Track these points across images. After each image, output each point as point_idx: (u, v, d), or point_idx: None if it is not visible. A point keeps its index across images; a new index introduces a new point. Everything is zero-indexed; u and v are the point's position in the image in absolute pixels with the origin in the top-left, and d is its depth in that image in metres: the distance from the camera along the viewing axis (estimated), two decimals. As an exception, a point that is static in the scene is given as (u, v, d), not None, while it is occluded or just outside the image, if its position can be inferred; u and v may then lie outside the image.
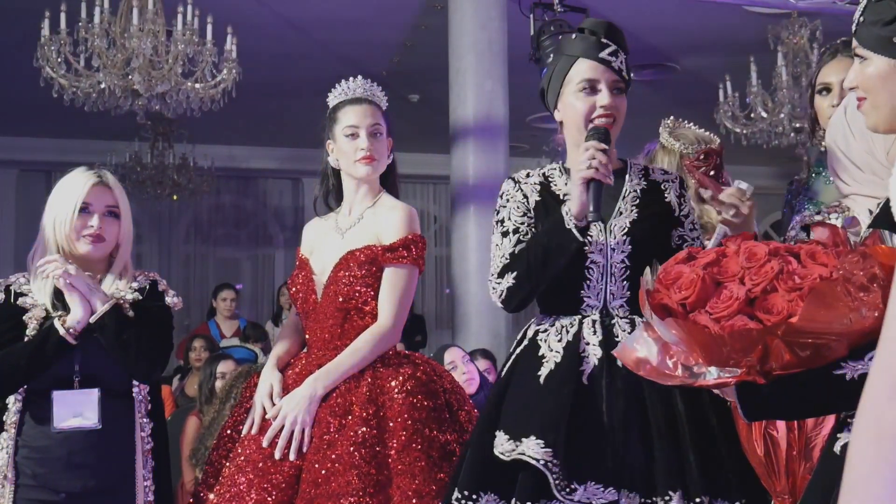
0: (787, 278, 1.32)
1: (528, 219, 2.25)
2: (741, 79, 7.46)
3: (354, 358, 2.51)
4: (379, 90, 2.78)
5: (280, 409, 2.48)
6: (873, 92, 1.66)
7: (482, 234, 6.24)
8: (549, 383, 2.14)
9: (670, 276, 1.38)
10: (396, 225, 2.62)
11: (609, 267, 2.18)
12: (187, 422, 4.33)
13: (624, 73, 2.25)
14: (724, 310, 1.32)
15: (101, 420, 2.51)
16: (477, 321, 6.21)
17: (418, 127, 9.21)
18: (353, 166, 2.66)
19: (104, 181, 2.65)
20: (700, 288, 1.34)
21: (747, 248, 1.36)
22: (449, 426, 2.48)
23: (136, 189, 9.62)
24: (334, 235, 2.70)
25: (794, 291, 1.31)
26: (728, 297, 1.33)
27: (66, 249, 2.56)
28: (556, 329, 2.19)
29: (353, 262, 2.58)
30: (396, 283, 2.59)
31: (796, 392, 1.36)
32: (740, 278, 1.34)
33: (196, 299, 10.93)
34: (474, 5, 6.29)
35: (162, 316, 2.67)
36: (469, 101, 6.30)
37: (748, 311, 1.32)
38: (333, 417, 2.44)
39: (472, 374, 3.98)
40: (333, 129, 2.70)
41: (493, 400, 2.24)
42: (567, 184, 2.25)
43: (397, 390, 2.46)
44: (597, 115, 2.21)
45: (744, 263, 1.34)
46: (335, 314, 2.58)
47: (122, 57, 5.48)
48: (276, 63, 8.15)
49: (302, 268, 2.73)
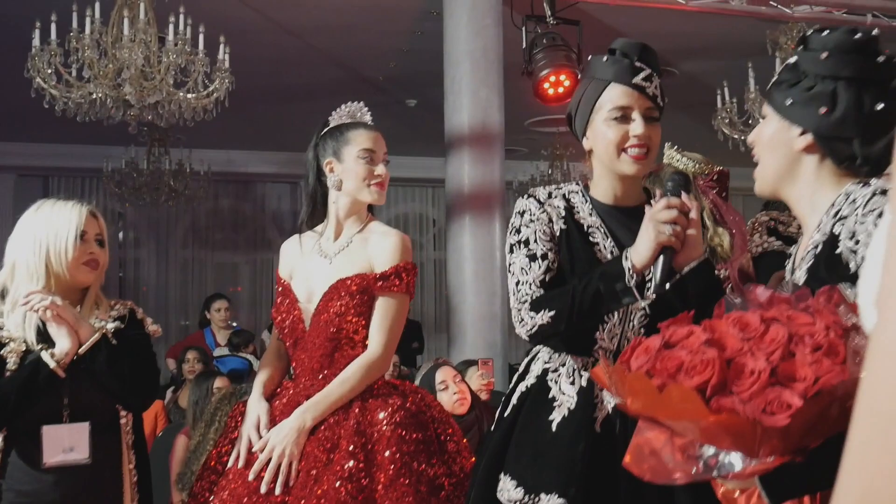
0: (800, 340, 1.22)
1: (554, 245, 2.12)
2: (739, 84, 7.40)
3: (343, 388, 2.46)
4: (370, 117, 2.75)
5: (267, 442, 2.43)
6: (764, 153, 1.70)
7: (477, 243, 6.20)
8: (562, 431, 2.06)
9: (669, 364, 1.25)
10: (389, 252, 2.57)
11: (629, 311, 2.09)
12: (177, 441, 4.28)
13: (659, 98, 2.10)
14: (750, 386, 1.18)
15: (91, 454, 2.45)
16: (473, 331, 6.16)
17: (416, 131, 9.18)
18: (364, 190, 2.61)
19: (93, 210, 2.63)
20: (719, 368, 1.20)
21: (736, 320, 1.26)
22: (438, 459, 2.44)
23: (132, 195, 9.59)
24: (319, 260, 2.64)
25: (816, 351, 1.20)
26: (750, 372, 1.20)
27: (64, 278, 2.52)
28: (568, 370, 2.11)
29: (343, 292, 2.52)
30: (388, 312, 2.54)
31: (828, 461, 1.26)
32: (750, 352, 1.22)
33: (194, 303, 10.91)
34: (469, 13, 6.23)
35: (146, 344, 2.65)
36: (464, 109, 6.24)
37: (773, 383, 1.19)
38: (321, 451, 2.39)
39: (465, 394, 3.93)
40: (341, 150, 2.62)
41: (497, 438, 2.16)
42: (592, 214, 2.15)
43: (386, 422, 2.41)
44: (629, 146, 2.08)
45: (742, 336, 1.24)
46: (324, 344, 2.52)
47: (114, 67, 5.43)
48: (275, 68, 8.12)
49: (286, 294, 2.66)
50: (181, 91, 5.70)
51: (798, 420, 1.15)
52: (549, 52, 4.98)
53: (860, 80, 1.58)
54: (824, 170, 1.64)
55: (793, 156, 1.66)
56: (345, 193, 2.63)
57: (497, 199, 6.31)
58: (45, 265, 2.52)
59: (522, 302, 2.09)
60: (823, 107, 1.58)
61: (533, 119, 9.41)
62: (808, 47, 1.64)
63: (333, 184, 2.63)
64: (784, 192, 1.71)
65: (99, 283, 2.64)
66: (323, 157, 2.65)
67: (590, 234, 2.13)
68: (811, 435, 1.19)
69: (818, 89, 1.60)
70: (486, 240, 6.20)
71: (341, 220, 2.65)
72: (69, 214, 2.56)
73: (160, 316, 11.55)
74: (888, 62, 1.60)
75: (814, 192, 1.65)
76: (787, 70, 1.67)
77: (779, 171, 1.69)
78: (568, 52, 5.06)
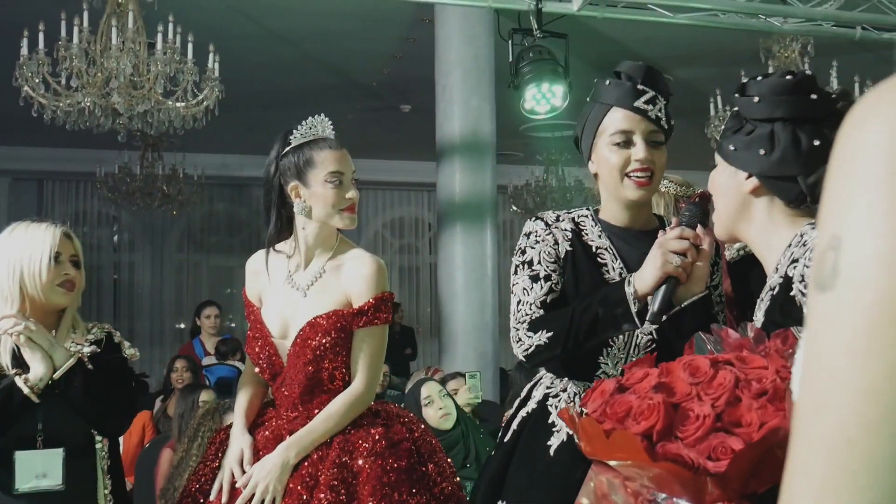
0: (746, 385, 1.22)
1: (559, 267, 2.10)
2: (732, 92, 7.37)
3: (327, 425, 2.42)
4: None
5: (251, 477, 2.38)
6: (718, 198, 1.76)
7: (468, 252, 6.19)
8: (560, 456, 2.05)
9: (617, 409, 1.25)
10: (366, 283, 2.45)
11: (634, 336, 2.06)
12: (162, 454, 4.26)
13: (663, 121, 2.08)
14: (695, 431, 1.19)
15: (64, 480, 2.42)
16: (464, 341, 6.15)
17: (410, 136, 9.17)
18: (336, 216, 2.45)
19: (67, 232, 2.60)
20: (664, 412, 1.21)
21: (687, 364, 1.26)
22: (419, 486, 2.41)
23: (125, 200, 9.58)
24: (291, 293, 2.53)
25: (761, 397, 1.20)
26: (696, 417, 1.20)
27: (39, 301, 2.50)
28: (568, 395, 2.09)
29: (319, 331, 2.43)
30: (369, 347, 2.47)
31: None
32: (697, 396, 1.22)
33: (189, 308, 10.89)
34: (460, 21, 6.22)
35: (124, 368, 2.62)
36: (455, 118, 6.23)
37: (719, 428, 1.20)
38: (303, 489, 2.36)
39: (448, 410, 3.91)
40: (307, 174, 2.43)
41: (497, 463, 2.15)
42: (601, 236, 2.13)
43: (367, 453, 2.38)
44: (631, 170, 2.05)
45: (691, 380, 1.24)
46: (304, 382, 2.46)
47: (102, 76, 5.41)
48: (268, 74, 8.12)
49: (257, 328, 2.56)
50: (170, 100, 5.67)
51: (738, 465, 1.15)
52: (536, 66, 4.96)
53: (795, 120, 1.62)
54: (776, 210, 1.68)
55: (743, 199, 1.70)
56: (314, 220, 2.48)
57: (488, 209, 6.30)
58: (20, 288, 2.49)
59: (521, 322, 2.06)
60: (762, 149, 1.63)
61: (527, 125, 9.40)
62: (745, 94, 1.69)
63: (301, 210, 2.46)
64: (741, 234, 1.74)
65: (76, 305, 2.61)
66: (286, 179, 2.48)
67: (598, 255, 2.11)
68: (757, 480, 1.18)
69: (757, 133, 1.65)
70: (478, 249, 6.19)
71: (311, 247, 2.51)
72: (42, 236, 2.54)
73: (155, 320, 11.56)
74: (822, 99, 1.64)
75: (770, 233, 1.68)
76: (731, 118, 1.74)
77: (732, 214, 1.72)
78: (555, 66, 5.05)
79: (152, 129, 5.86)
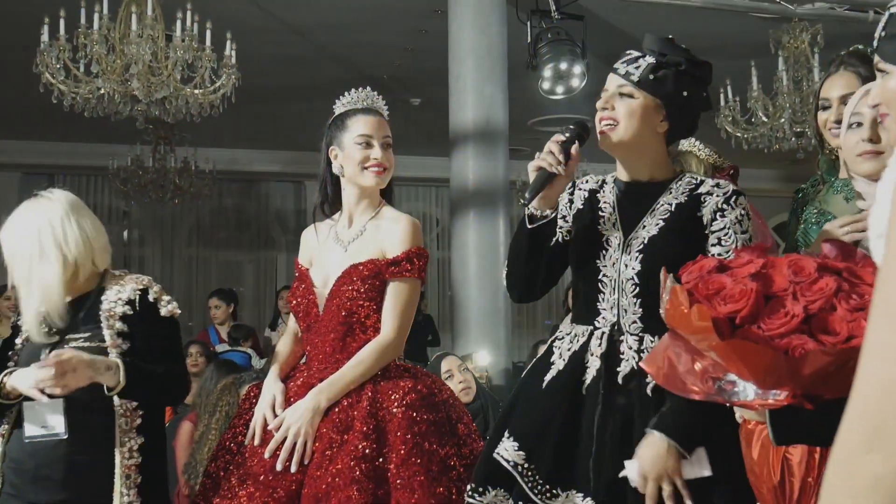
0: (846, 297, 1.22)
1: (564, 221, 2.28)
2: (742, 83, 7.43)
3: (357, 371, 2.51)
4: (383, 102, 2.78)
5: (283, 421, 2.47)
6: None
7: (481, 239, 6.24)
8: (549, 388, 2.16)
9: (710, 286, 1.27)
10: (400, 238, 2.61)
11: (620, 282, 2.15)
12: (181, 426, 4.31)
13: (633, 76, 2.18)
14: (780, 327, 1.20)
15: (67, 430, 2.44)
16: (477, 327, 6.20)
17: (420, 130, 9.22)
18: (361, 175, 2.65)
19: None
20: (754, 301, 1.22)
21: (793, 262, 1.27)
22: (448, 440, 2.48)
23: (137, 192, 9.64)
24: (335, 247, 2.68)
25: (857, 311, 1.20)
26: (785, 314, 1.21)
27: (96, 266, 2.58)
28: (571, 337, 2.21)
29: (356, 276, 2.57)
30: (399, 296, 2.59)
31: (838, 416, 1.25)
32: (792, 294, 1.23)
33: (199, 302, 10.94)
34: (473, 11, 6.27)
35: (167, 332, 2.60)
36: (469, 107, 6.28)
37: (804, 330, 1.21)
38: (335, 433, 2.43)
39: (469, 383, 3.97)
40: (341, 137, 2.67)
41: (509, 400, 2.30)
42: (612, 192, 2.27)
43: (397, 404, 2.45)
44: (599, 119, 2.21)
45: (792, 278, 1.25)
46: (337, 328, 2.57)
47: (122, 63, 5.48)
48: (279, 67, 8.16)
49: (302, 280, 2.71)
50: (188, 87, 5.74)
51: (814, 363, 1.17)
52: (554, 47, 5.02)
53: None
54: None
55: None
56: (348, 180, 2.68)
57: (501, 197, 6.36)
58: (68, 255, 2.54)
59: None
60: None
61: (536, 118, 9.45)
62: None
63: (338, 171, 2.68)
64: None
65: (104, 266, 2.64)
66: (329, 146, 2.70)
67: (601, 207, 2.25)
68: (826, 385, 1.20)
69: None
70: (491, 237, 6.25)
71: (352, 207, 2.70)
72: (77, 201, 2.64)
73: (164, 314, 11.59)
74: None
75: None
76: (894, 22, 1.49)
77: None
78: (572, 47, 5.10)
79: (170, 115, 5.92)
